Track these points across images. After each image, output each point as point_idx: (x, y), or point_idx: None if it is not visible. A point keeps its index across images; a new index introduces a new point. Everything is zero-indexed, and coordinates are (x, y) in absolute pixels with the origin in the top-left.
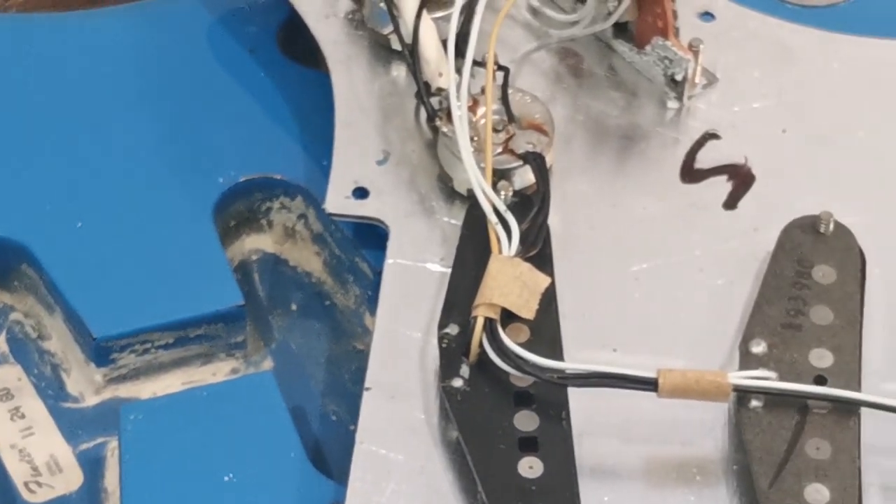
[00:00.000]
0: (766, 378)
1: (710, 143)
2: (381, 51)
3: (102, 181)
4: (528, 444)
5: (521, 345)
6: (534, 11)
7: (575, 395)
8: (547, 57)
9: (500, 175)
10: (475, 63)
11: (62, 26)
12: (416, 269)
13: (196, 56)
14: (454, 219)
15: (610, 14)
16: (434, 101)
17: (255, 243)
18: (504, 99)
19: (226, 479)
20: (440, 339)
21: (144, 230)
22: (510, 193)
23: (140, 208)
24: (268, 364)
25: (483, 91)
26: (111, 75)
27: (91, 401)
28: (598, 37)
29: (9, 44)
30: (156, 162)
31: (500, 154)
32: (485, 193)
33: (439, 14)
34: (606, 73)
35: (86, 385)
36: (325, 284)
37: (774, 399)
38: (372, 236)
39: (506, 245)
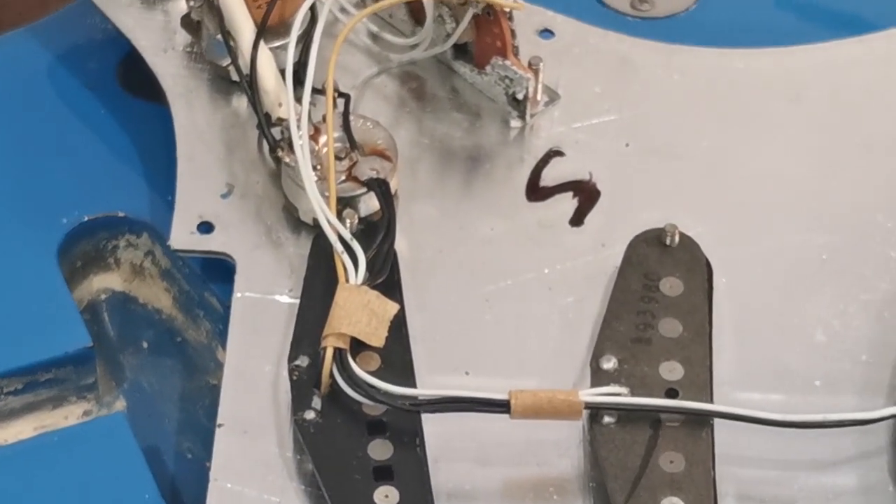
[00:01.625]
0: (617, 394)
1: (555, 161)
2: (222, 83)
3: None
4: (384, 473)
5: (372, 373)
6: (373, 36)
7: (429, 420)
8: (389, 81)
9: (344, 203)
10: (315, 91)
11: None
12: (264, 301)
13: (35, 94)
14: (301, 249)
15: (449, 36)
16: (275, 131)
17: (103, 282)
18: (346, 126)
19: None
20: (291, 371)
21: None
22: (356, 221)
23: None
24: (120, 404)
25: (324, 119)
26: None
27: None
28: (439, 59)
29: None
30: None
31: (343, 182)
32: (329, 222)
33: (277, 44)
34: (449, 95)
35: None
36: (175, 321)
37: (627, 414)
38: (220, 270)
39: (353, 273)
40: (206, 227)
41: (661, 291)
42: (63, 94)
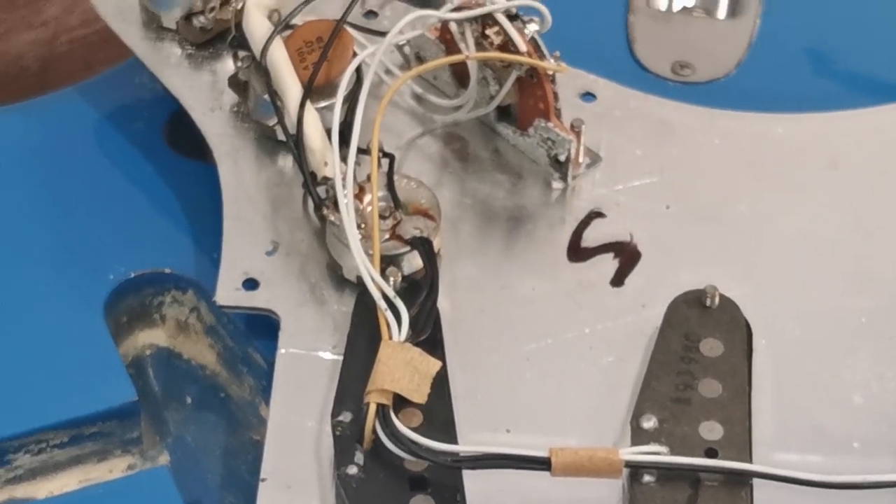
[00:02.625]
0: (657, 453)
1: (596, 222)
2: (267, 142)
3: None
4: None
5: (415, 429)
6: (417, 98)
7: (470, 477)
8: (432, 142)
9: (388, 261)
10: (360, 151)
11: None
12: (308, 357)
13: (84, 153)
14: (345, 306)
15: (492, 98)
16: (321, 190)
17: (149, 338)
18: (390, 186)
19: None
20: (334, 426)
21: (36, 329)
22: (399, 279)
23: (31, 307)
24: (164, 459)
25: (369, 178)
26: (2, 175)
27: None
28: (482, 120)
29: None
30: (46, 260)
31: (387, 240)
32: (373, 280)
33: (323, 104)
34: (491, 156)
35: None
36: (219, 376)
37: (667, 473)
38: (264, 327)
39: (396, 331)
40: (251, 284)
41: (700, 352)
42: (111, 153)
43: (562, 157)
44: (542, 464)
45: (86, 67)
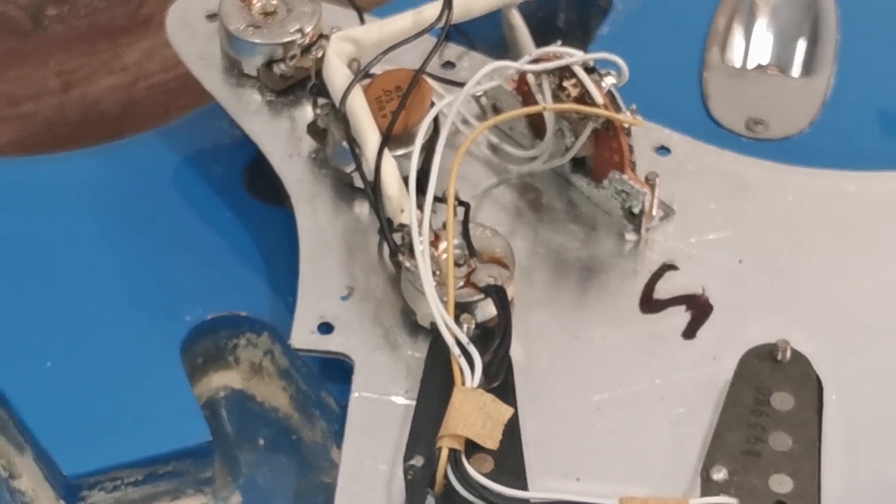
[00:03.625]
0: None
1: (669, 274)
2: (344, 188)
3: (71, 320)
4: None
5: (486, 475)
6: (493, 148)
7: None
8: (507, 192)
9: (462, 308)
10: (436, 199)
11: (30, 170)
12: (381, 402)
13: (163, 196)
14: (418, 352)
15: (568, 149)
16: (396, 236)
17: (223, 380)
18: (465, 234)
19: None
20: (406, 470)
21: (113, 368)
22: (472, 326)
23: (109, 346)
24: (236, 499)
25: (444, 226)
26: (79, 216)
27: None
28: (557, 171)
29: None
30: (124, 300)
31: (461, 288)
32: (447, 326)
33: (400, 152)
34: (565, 207)
35: None
36: (291, 419)
37: None
38: (337, 370)
39: (469, 377)
40: (325, 328)
41: (771, 405)
42: (190, 196)
43: (636, 210)
44: None
45: (164, 113)
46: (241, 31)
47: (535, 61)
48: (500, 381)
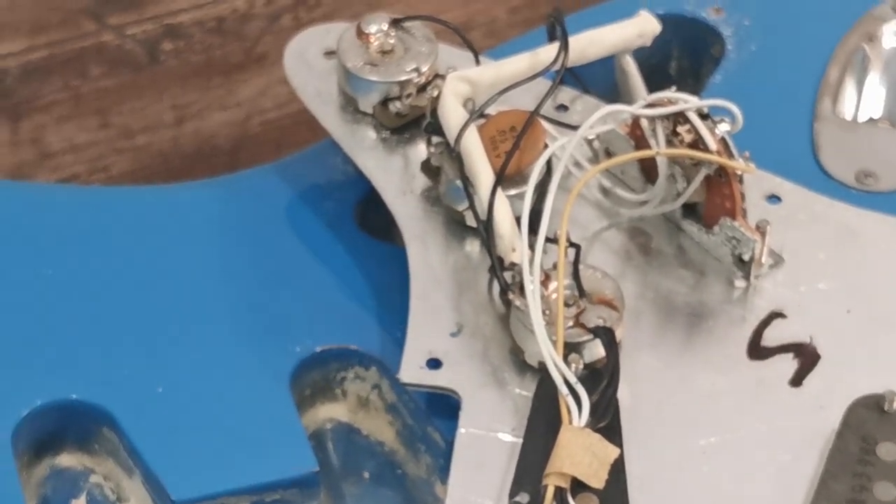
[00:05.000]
0: None
1: (777, 322)
2: (455, 227)
3: (183, 347)
4: None
5: None
6: (605, 191)
7: None
8: (617, 235)
9: (570, 348)
10: (547, 240)
11: (145, 199)
12: (487, 438)
13: (276, 229)
14: (525, 390)
15: (679, 195)
16: (507, 275)
17: (330, 412)
18: (575, 275)
19: None
20: None
21: (223, 396)
22: (580, 366)
23: (219, 374)
24: None
25: (555, 266)
26: (192, 246)
27: None
28: (667, 217)
29: (93, 216)
30: (235, 330)
31: (571, 328)
32: (556, 366)
33: (512, 192)
34: (675, 252)
35: None
36: (397, 453)
37: None
38: (444, 406)
39: (576, 416)
40: (434, 364)
41: (877, 455)
42: (302, 230)
43: (746, 257)
44: None
45: (276, 149)
46: (358, 68)
47: (650, 106)
48: (607, 422)
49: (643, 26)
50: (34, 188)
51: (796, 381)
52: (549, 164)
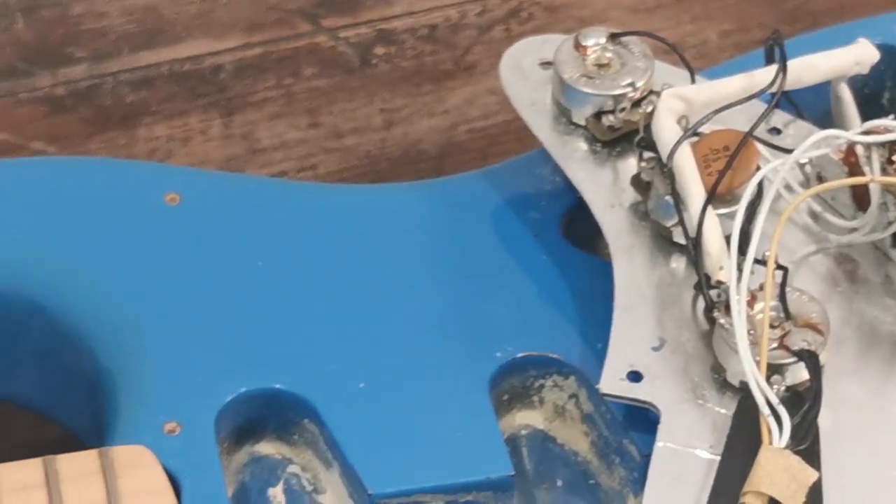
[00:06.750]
0: None
1: None
2: (662, 242)
3: (386, 345)
4: None
5: None
6: (814, 216)
7: None
8: (824, 260)
9: (773, 370)
10: (755, 261)
11: (352, 198)
12: (684, 454)
13: (480, 234)
14: (724, 409)
15: (890, 223)
16: (713, 293)
17: (525, 419)
18: (782, 297)
19: None
20: None
21: (422, 395)
22: (782, 388)
23: (420, 374)
24: None
25: (761, 287)
26: (398, 246)
27: None
28: (877, 245)
29: (304, 212)
30: (438, 332)
31: (774, 349)
32: (759, 385)
33: (722, 211)
34: (882, 281)
35: None
36: (591, 464)
37: None
38: (641, 420)
39: (777, 436)
40: (634, 376)
41: None
42: (507, 237)
43: None
44: None
45: (481, 158)
46: (574, 80)
47: (866, 133)
48: (807, 445)
49: (861, 54)
50: (248, 180)
51: None
52: (760, 186)
